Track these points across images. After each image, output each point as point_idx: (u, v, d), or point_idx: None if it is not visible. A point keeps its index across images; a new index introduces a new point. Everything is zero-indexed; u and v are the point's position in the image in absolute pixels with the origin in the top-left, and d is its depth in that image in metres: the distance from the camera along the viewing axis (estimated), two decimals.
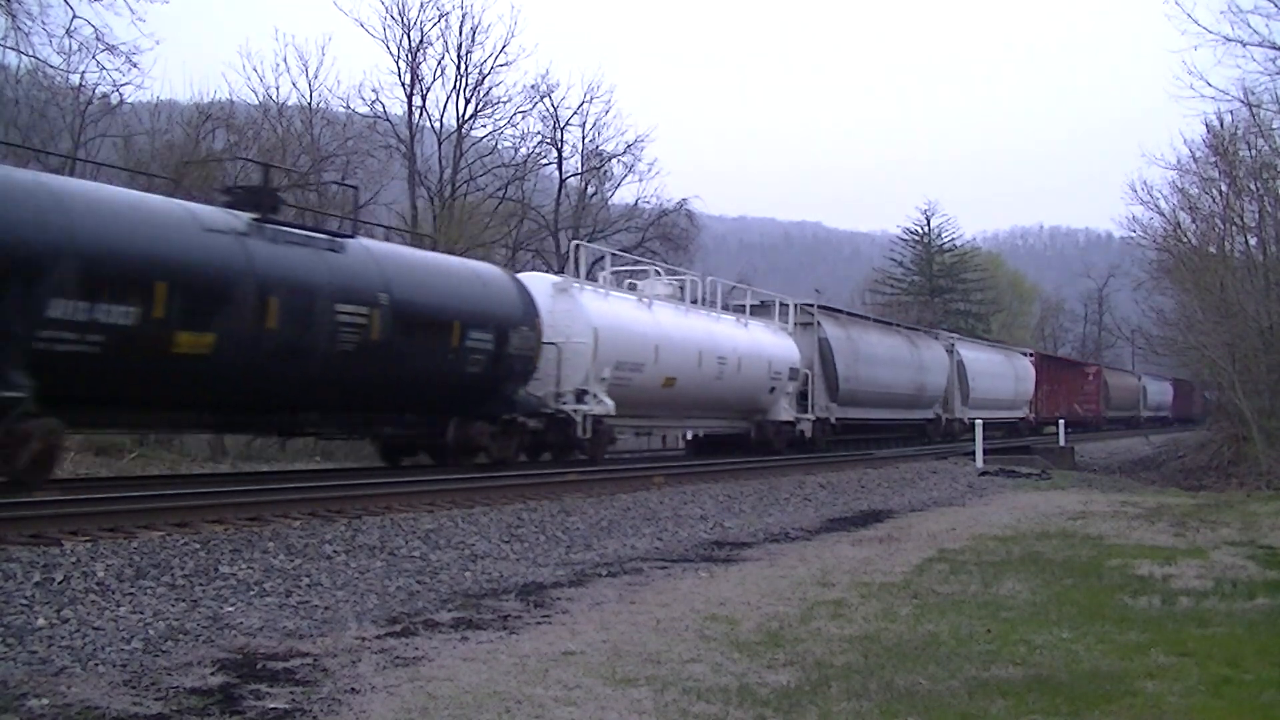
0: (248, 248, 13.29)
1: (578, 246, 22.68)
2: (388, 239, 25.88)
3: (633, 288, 22.68)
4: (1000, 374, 41.45)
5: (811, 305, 28.83)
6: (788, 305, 27.44)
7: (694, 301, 23.99)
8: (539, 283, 19.28)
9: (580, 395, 18.49)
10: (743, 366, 23.30)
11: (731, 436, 25.15)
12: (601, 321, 19.10)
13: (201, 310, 12.50)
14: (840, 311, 32.72)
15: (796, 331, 26.83)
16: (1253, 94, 28.97)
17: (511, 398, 17.70)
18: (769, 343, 25.09)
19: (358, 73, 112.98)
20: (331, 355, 14.18)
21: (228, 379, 13.11)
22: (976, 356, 39.58)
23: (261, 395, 14.02)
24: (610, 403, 18.79)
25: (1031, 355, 48.40)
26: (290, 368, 13.75)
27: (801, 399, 26.35)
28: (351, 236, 15.67)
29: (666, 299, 22.68)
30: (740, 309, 26.11)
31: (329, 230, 15.60)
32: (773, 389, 24.83)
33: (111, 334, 11.46)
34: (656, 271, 24.41)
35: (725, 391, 23.04)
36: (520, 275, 19.67)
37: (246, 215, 13.77)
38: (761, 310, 26.84)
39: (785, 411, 25.52)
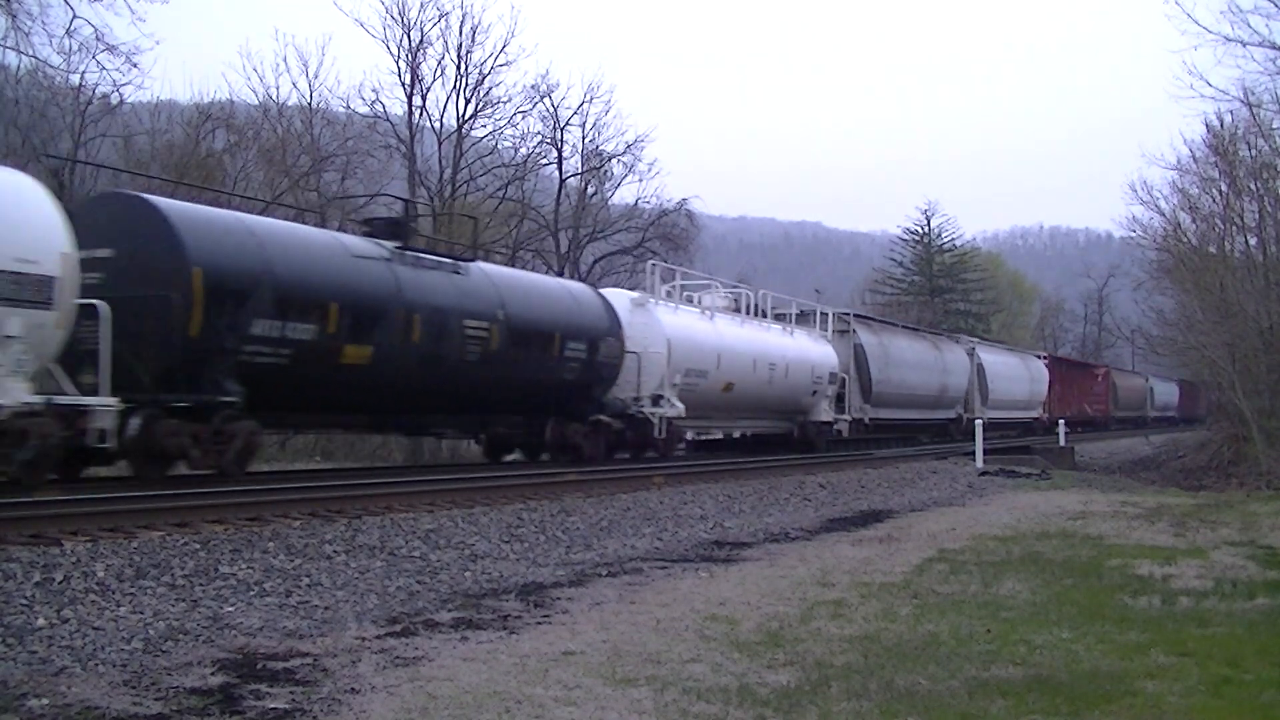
0: (395, 272, 15.53)
1: (654, 267, 24.88)
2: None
3: (689, 299, 24.79)
4: (1017, 376, 43.73)
5: (848, 314, 31.53)
6: (827, 314, 29.93)
7: (746, 312, 26.17)
8: (619, 298, 21.50)
9: (656, 399, 20.76)
10: (789, 372, 25.75)
11: (777, 435, 27.24)
12: (674, 333, 21.45)
13: (363, 326, 14.66)
14: (873, 319, 35.75)
15: (834, 338, 29.12)
16: (1253, 94, 29.01)
17: (600, 401, 19.87)
18: (811, 350, 27.48)
19: (358, 73, 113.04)
20: (460, 364, 16.37)
21: (382, 385, 15.21)
22: (995, 359, 41.68)
23: (406, 399, 16.23)
24: (681, 406, 21.07)
25: (1045, 358, 50.20)
26: (429, 375, 15.92)
27: (839, 400, 28.58)
28: (471, 260, 17.96)
29: (724, 310, 25.11)
30: (785, 318, 28.25)
31: (453, 255, 17.80)
32: (814, 392, 27.27)
33: (297, 348, 13.64)
34: (716, 285, 26.79)
35: (774, 395, 25.39)
36: (603, 290, 21.96)
37: (390, 244, 15.94)
38: (803, 319, 28.97)
39: (825, 412, 27.84)
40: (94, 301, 11.67)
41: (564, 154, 40.80)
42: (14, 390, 10.68)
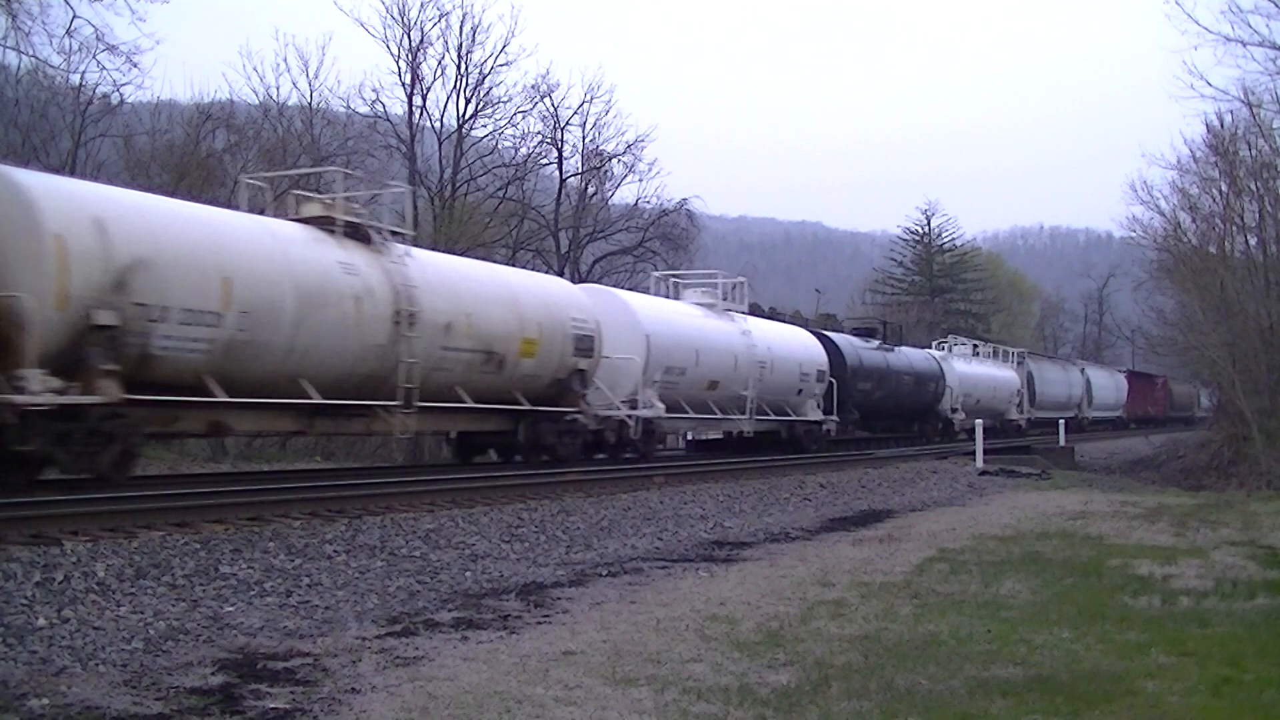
0: (885, 356, 32.69)
1: (948, 335, 45.06)
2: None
3: (937, 346, 42.24)
4: (1108, 386, 62.74)
5: (1024, 351, 51.59)
6: (1010, 352, 48.84)
7: (979, 355, 44.95)
8: (938, 354, 39.42)
9: (953, 410, 38.53)
10: (1001, 390, 44.55)
11: (990, 428, 42.94)
12: (961, 373, 39.67)
13: (879, 382, 31.26)
14: (1035, 354, 55.99)
15: (1014, 366, 47.30)
16: (1253, 94, 29.06)
17: (936, 411, 37.75)
18: (1007, 376, 46.08)
19: (358, 73, 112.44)
20: (901, 396, 33.50)
21: (883, 408, 32.39)
22: (1096, 375, 61.45)
23: (886, 413, 33.82)
24: (964, 413, 38.55)
25: (1125, 372, 68.24)
26: (897, 402, 33.43)
27: (1017, 406, 46.31)
28: (900, 344, 35.64)
29: (974, 356, 43.96)
30: (995, 354, 46.68)
31: (890, 343, 34.60)
32: (1009, 400, 45.64)
33: (863, 394, 30.13)
34: (960, 341, 45.16)
35: (994, 404, 43.50)
36: (930, 351, 39.77)
37: (875, 341, 33.24)
38: (999, 356, 47.19)
39: (1012, 414, 45.74)
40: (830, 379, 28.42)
41: (564, 154, 40.86)
42: (815, 413, 26.83)
